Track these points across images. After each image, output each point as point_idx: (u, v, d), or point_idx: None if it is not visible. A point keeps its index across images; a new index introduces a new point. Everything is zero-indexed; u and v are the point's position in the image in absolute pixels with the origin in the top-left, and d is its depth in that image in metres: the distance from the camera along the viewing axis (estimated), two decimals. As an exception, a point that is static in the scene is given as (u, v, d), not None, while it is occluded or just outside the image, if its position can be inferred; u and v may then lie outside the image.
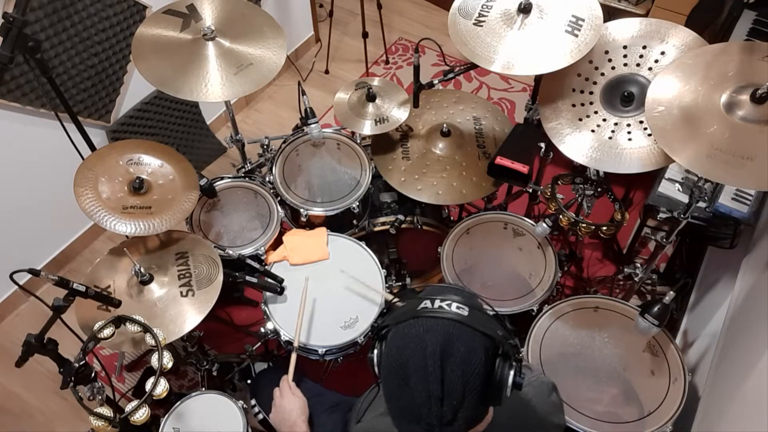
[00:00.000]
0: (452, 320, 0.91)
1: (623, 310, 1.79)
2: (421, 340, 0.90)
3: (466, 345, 0.90)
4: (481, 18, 1.63)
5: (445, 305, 0.93)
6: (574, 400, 1.65)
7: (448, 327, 0.91)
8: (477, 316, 0.93)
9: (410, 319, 0.93)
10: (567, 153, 1.63)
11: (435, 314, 0.92)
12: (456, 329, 0.91)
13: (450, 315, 0.92)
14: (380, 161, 2.05)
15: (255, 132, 3.16)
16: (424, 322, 0.92)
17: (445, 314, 0.92)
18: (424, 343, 0.90)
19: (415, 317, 0.93)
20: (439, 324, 0.91)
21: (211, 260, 1.68)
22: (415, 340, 0.91)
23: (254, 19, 1.88)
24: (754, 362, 1.42)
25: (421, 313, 0.93)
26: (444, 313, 0.92)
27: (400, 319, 0.95)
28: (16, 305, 2.53)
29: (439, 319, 0.91)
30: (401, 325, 0.94)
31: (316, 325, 1.76)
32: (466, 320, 0.91)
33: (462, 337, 0.90)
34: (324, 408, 1.58)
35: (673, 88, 1.42)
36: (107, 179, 1.63)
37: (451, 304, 0.93)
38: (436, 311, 0.92)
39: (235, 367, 2.12)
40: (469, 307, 0.94)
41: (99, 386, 1.35)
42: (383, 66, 3.50)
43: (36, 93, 2.11)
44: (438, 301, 0.94)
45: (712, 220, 1.87)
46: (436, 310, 0.92)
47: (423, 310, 0.93)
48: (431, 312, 0.92)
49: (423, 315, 0.93)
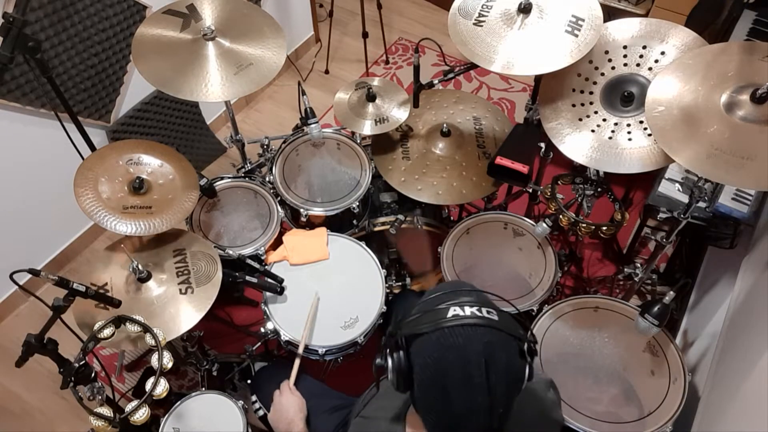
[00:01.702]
0: (489, 327, 0.88)
1: (623, 310, 1.79)
2: (462, 350, 0.87)
3: (506, 352, 0.89)
4: (481, 18, 1.63)
5: (476, 311, 0.89)
6: (574, 400, 1.65)
7: (487, 335, 0.88)
8: (504, 318, 0.91)
9: (442, 328, 0.88)
10: (567, 153, 1.63)
11: (471, 321, 0.88)
12: (494, 336, 0.88)
13: (485, 322, 0.88)
14: (380, 161, 2.05)
15: (255, 132, 3.16)
16: (461, 332, 0.88)
17: (481, 321, 0.88)
18: (466, 354, 0.87)
19: (448, 327, 0.88)
20: (479, 332, 0.88)
21: (210, 257, 1.67)
22: (455, 351, 0.87)
23: (254, 19, 1.88)
24: (754, 362, 1.42)
25: (453, 321, 0.88)
26: (480, 320, 0.88)
27: (424, 327, 0.90)
28: (16, 305, 2.53)
29: (478, 327, 0.88)
30: (431, 336, 0.89)
31: (316, 325, 1.76)
32: (500, 325, 0.89)
33: (501, 344, 0.88)
34: (324, 408, 1.58)
35: (673, 88, 1.42)
36: (107, 179, 1.63)
37: (481, 309, 0.89)
38: (471, 318, 0.88)
39: (235, 367, 2.12)
40: (494, 308, 0.91)
41: (99, 386, 1.34)
42: (383, 66, 3.50)
43: (36, 93, 2.11)
44: (468, 307, 0.90)
45: (712, 220, 1.87)
46: (470, 316, 0.89)
47: (455, 317, 0.89)
48: (465, 319, 0.88)
49: (457, 324, 0.88)
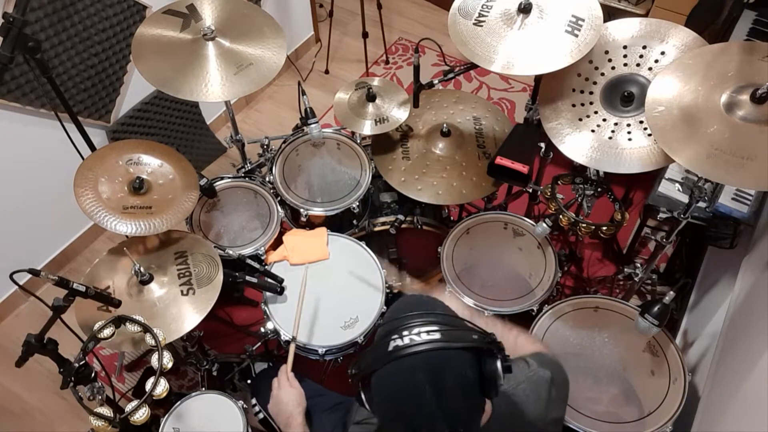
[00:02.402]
0: (430, 350, 0.87)
1: (623, 310, 1.79)
2: (409, 382, 0.87)
3: (455, 369, 0.88)
4: (481, 18, 1.63)
5: (414, 336, 0.88)
6: (574, 400, 1.65)
7: (430, 359, 0.87)
8: (448, 331, 0.90)
9: (387, 363, 0.88)
10: (567, 153, 1.63)
11: (410, 350, 0.87)
12: (438, 358, 0.87)
13: (424, 346, 0.87)
14: (380, 161, 2.05)
15: (255, 132, 3.16)
16: (403, 363, 0.87)
17: (420, 347, 0.87)
18: (413, 385, 0.86)
19: (391, 360, 0.88)
20: (419, 359, 0.87)
21: (211, 259, 1.68)
22: (404, 385, 0.87)
23: (254, 19, 1.88)
24: (754, 362, 1.42)
25: (394, 354, 0.88)
26: (418, 346, 0.87)
27: (375, 365, 0.90)
28: (16, 305, 2.52)
29: (418, 354, 0.87)
30: (380, 373, 0.89)
31: (317, 325, 1.76)
32: (442, 344, 0.88)
33: (448, 363, 0.88)
34: (324, 408, 1.58)
35: (673, 88, 1.42)
36: (107, 179, 1.64)
37: (420, 333, 0.88)
38: (409, 347, 0.87)
39: (235, 367, 2.12)
40: (436, 324, 0.90)
41: (99, 386, 1.35)
42: (383, 66, 3.50)
43: (36, 93, 2.10)
44: (406, 333, 0.89)
45: (712, 220, 1.87)
46: (408, 345, 0.87)
47: (395, 349, 0.88)
48: (405, 349, 0.87)
49: (398, 355, 0.87)
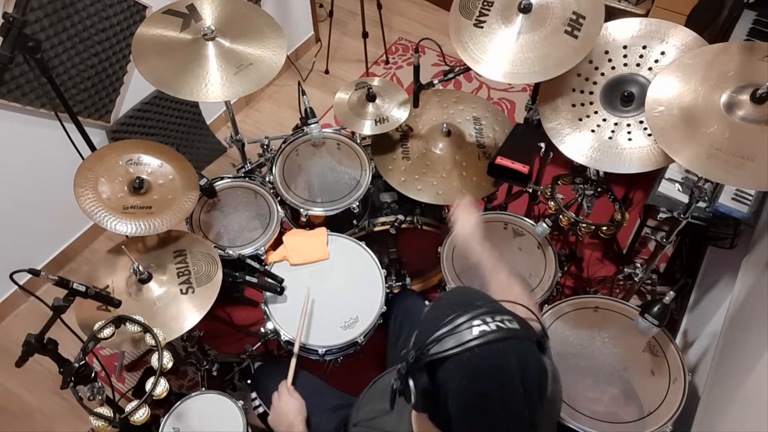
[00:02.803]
0: (516, 339, 0.87)
1: (623, 310, 1.79)
2: (498, 370, 0.86)
3: (534, 358, 0.88)
4: (481, 18, 1.63)
5: (499, 324, 0.87)
6: (574, 400, 1.65)
7: (516, 348, 0.87)
8: (520, 322, 0.90)
9: (472, 348, 0.86)
10: (567, 153, 1.63)
11: (499, 337, 0.86)
12: (522, 347, 0.88)
13: (511, 334, 0.87)
14: (380, 161, 2.05)
15: (255, 132, 3.16)
16: (493, 350, 0.86)
17: (508, 334, 0.87)
18: (503, 374, 0.85)
19: (478, 346, 0.86)
20: (508, 348, 0.86)
21: (210, 257, 1.68)
22: (492, 372, 0.86)
23: (254, 19, 1.88)
24: (754, 362, 1.42)
25: (480, 339, 0.86)
26: (506, 333, 0.87)
27: (450, 349, 0.86)
28: (16, 305, 2.52)
29: (507, 341, 0.86)
30: (461, 358, 0.86)
31: (316, 325, 1.76)
32: (523, 333, 0.89)
33: (529, 353, 0.88)
34: (324, 408, 1.58)
35: (673, 88, 1.42)
36: (107, 179, 1.64)
37: (504, 320, 0.88)
38: (497, 333, 0.86)
39: (235, 367, 2.12)
40: (508, 314, 0.90)
41: (99, 386, 1.34)
42: (383, 66, 3.50)
43: (36, 93, 2.10)
44: (489, 320, 0.87)
45: (712, 220, 1.87)
46: (496, 331, 0.86)
47: (481, 335, 0.86)
48: (492, 334, 0.86)
49: (486, 341, 0.86)
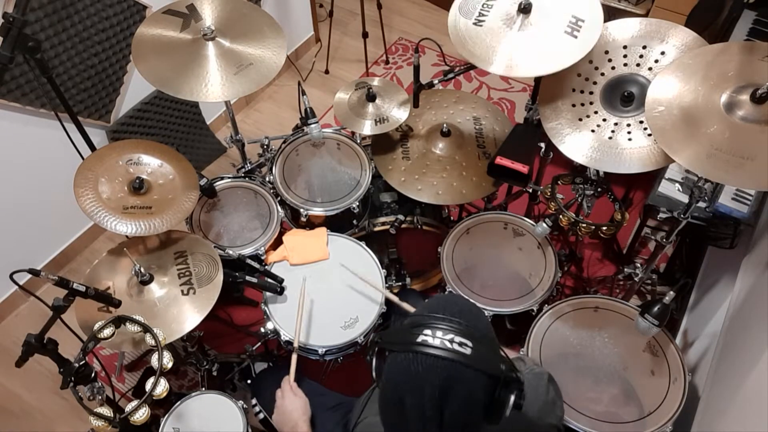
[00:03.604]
0: (453, 361, 0.84)
1: (623, 310, 1.79)
2: (419, 379, 0.84)
3: (468, 388, 0.85)
4: (481, 18, 1.63)
5: (447, 341, 0.85)
6: (574, 400, 1.65)
7: (449, 370, 0.84)
8: (481, 351, 0.86)
9: (408, 352, 0.85)
10: (567, 153, 1.63)
11: (435, 352, 0.84)
12: (457, 372, 0.84)
13: (451, 356, 0.84)
14: (380, 161, 2.05)
15: (255, 132, 3.16)
16: (423, 360, 0.84)
17: (447, 354, 0.84)
18: (422, 384, 0.84)
19: (413, 351, 0.85)
20: (439, 365, 0.84)
21: (210, 259, 1.68)
22: (413, 380, 0.85)
23: (254, 19, 1.88)
24: (754, 362, 1.42)
25: (419, 347, 0.85)
26: (445, 353, 0.84)
27: (396, 345, 0.87)
28: (16, 305, 2.52)
29: (440, 359, 0.84)
30: (398, 356, 0.87)
31: (316, 325, 1.76)
32: (469, 361, 0.84)
33: (463, 380, 0.85)
34: (325, 408, 1.58)
35: (673, 88, 1.42)
36: (107, 179, 1.64)
37: (453, 340, 0.85)
38: (437, 348, 0.84)
39: (235, 367, 2.12)
40: (471, 340, 0.86)
41: (99, 386, 1.34)
42: (383, 66, 3.50)
43: (36, 93, 2.10)
44: (440, 335, 0.85)
45: (712, 220, 1.87)
46: (437, 347, 0.84)
47: (422, 344, 0.85)
48: (431, 348, 0.84)
49: (422, 351, 0.84)
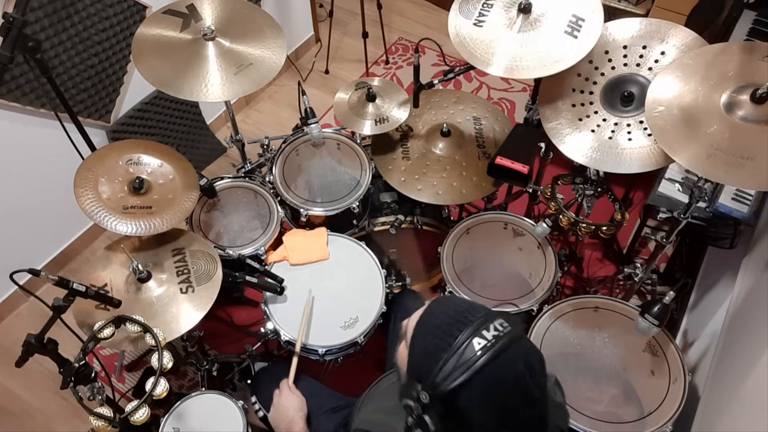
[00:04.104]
0: (513, 342, 0.88)
1: (623, 310, 1.79)
2: (508, 380, 0.87)
3: (533, 351, 0.91)
4: (481, 18, 1.63)
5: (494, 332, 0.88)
6: (574, 400, 1.65)
7: (518, 351, 0.88)
8: (510, 318, 0.92)
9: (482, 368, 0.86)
10: (567, 153, 1.63)
11: (500, 347, 0.87)
12: (521, 348, 0.89)
13: (509, 339, 0.88)
14: (380, 161, 2.05)
15: (255, 132, 3.16)
16: (500, 363, 0.86)
17: (506, 341, 0.87)
18: (512, 380, 0.87)
19: (488, 362, 0.86)
20: (512, 354, 0.87)
21: (209, 256, 1.67)
22: (507, 385, 0.87)
23: (254, 19, 1.88)
24: (754, 362, 1.42)
25: (483, 354, 0.86)
26: (504, 340, 0.87)
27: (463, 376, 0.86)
28: (16, 305, 2.52)
29: (508, 349, 0.87)
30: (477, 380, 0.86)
31: (316, 325, 1.76)
32: (517, 332, 0.90)
33: (527, 349, 0.91)
34: (325, 408, 1.58)
35: (673, 88, 1.42)
36: (107, 179, 1.63)
37: (496, 326, 0.89)
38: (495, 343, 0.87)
39: (235, 367, 2.12)
40: (497, 316, 0.91)
41: (99, 386, 1.34)
42: (383, 66, 3.50)
43: (36, 93, 2.10)
44: (485, 333, 0.88)
45: (712, 220, 1.87)
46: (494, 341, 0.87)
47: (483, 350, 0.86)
48: (492, 348, 0.86)
49: (495, 355, 0.86)
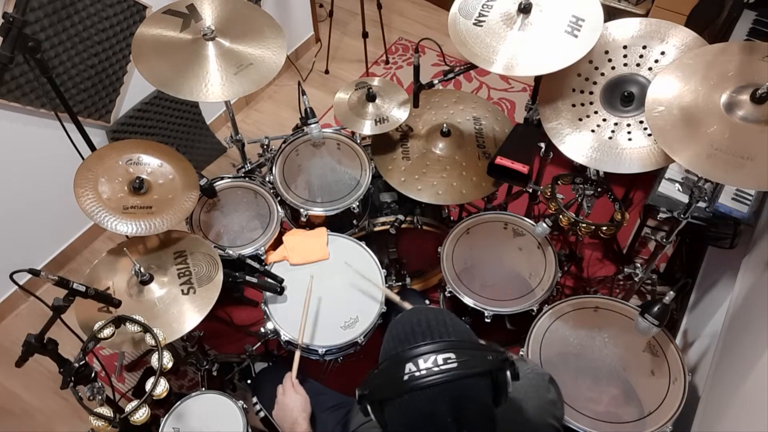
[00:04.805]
0: (449, 381, 0.82)
1: (623, 310, 1.79)
2: (427, 415, 0.83)
3: (473, 395, 0.84)
4: (481, 18, 1.63)
5: (432, 366, 0.82)
6: (574, 400, 1.65)
7: (450, 390, 0.82)
8: (465, 355, 0.84)
9: (403, 394, 0.83)
10: (567, 153, 1.63)
11: (428, 382, 0.82)
12: (457, 388, 0.83)
13: (444, 377, 0.82)
14: (380, 161, 2.05)
15: (255, 132, 3.16)
16: (421, 396, 0.82)
17: (439, 378, 0.82)
18: (432, 416, 0.82)
19: (407, 392, 0.82)
20: (438, 391, 0.82)
21: (210, 258, 1.68)
22: (422, 417, 0.83)
23: (254, 19, 1.88)
24: (754, 362, 1.42)
25: (411, 384, 0.82)
26: (437, 377, 0.82)
27: (387, 393, 0.85)
28: (16, 305, 2.52)
29: (436, 386, 0.82)
30: (395, 403, 0.84)
31: (317, 325, 1.76)
32: (461, 371, 0.83)
33: (467, 391, 0.83)
34: (325, 407, 1.58)
35: (673, 88, 1.42)
36: (107, 179, 1.63)
37: (437, 361, 0.83)
38: (427, 377, 0.82)
39: (235, 367, 2.12)
40: (452, 350, 0.84)
41: (99, 386, 1.34)
42: (383, 66, 3.50)
43: (36, 93, 2.10)
44: (422, 363, 0.83)
45: (712, 220, 1.87)
46: (427, 376, 0.82)
47: (411, 380, 0.82)
48: (422, 380, 0.82)
49: (416, 386, 0.82)
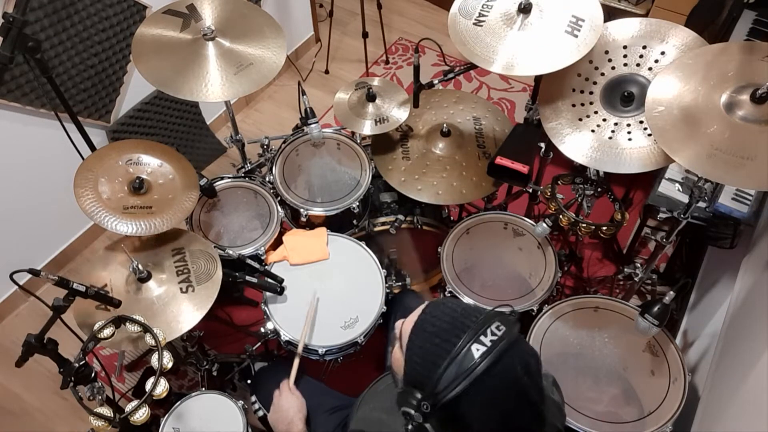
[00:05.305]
0: (509, 343, 0.89)
1: (623, 310, 1.79)
2: (507, 384, 0.88)
3: (528, 350, 0.93)
4: (481, 18, 1.63)
5: (491, 337, 0.89)
6: (574, 400, 1.65)
7: (514, 354, 0.89)
8: (504, 318, 0.92)
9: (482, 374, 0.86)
10: (567, 153, 1.63)
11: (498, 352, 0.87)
12: (517, 349, 0.90)
13: (505, 343, 0.88)
14: (380, 161, 2.05)
15: (255, 132, 3.16)
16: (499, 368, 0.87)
17: (503, 345, 0.88)
18: (513, 384, 0.88)
19: (484, 370, 0.86)
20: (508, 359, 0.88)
21: (209, 255, 1.68)
22: (504, 388, 0.88)
23: (254, 19, 1.88)
24: (754, 362, 1.42)
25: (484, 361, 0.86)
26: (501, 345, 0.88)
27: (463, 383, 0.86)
28: (16, 305, 2.52)
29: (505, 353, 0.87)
30: (477, 387, 0.87)
31: (317, 325, 1.76)
32: (512, 333, 0.90)
33: (523, 347, 0.92)
34: (325, 408, 1.58)
35: (673, 88, 1.42)
36: (107, 179, 1.63)
37: (492, 330, 0.89)
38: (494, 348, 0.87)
39: (235, 367, 2.12)
40: (494, 318, 0.91)
41: (99, 386, 1.34)
42: (383, 66, 3.50)
43: (36, 93, 2.10)
44: (483, 338, 0.88)
45: (712, 220, 1.87)
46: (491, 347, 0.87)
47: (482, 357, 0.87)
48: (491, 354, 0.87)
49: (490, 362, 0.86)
